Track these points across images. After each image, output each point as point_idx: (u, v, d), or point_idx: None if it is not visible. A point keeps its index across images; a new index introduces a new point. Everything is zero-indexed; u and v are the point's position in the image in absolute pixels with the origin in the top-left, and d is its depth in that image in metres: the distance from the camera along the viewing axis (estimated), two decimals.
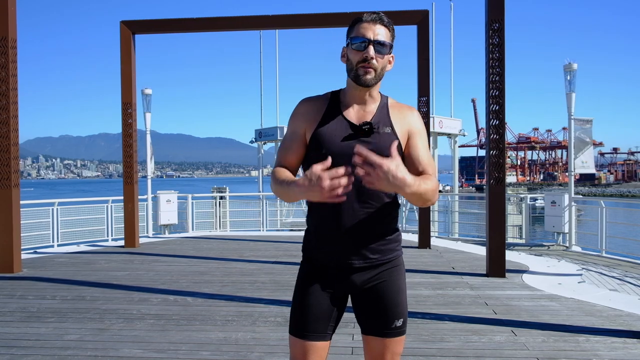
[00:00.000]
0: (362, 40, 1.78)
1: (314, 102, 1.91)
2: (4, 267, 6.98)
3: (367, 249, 1.86)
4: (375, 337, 1.91)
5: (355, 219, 1.82)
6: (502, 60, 6.44)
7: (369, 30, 1.79)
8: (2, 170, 7.00)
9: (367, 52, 1.78)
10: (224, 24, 9.60)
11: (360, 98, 1.87)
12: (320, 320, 1.88)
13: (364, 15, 1.82)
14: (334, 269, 1.89)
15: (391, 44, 1.83)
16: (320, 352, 1.89)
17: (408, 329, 4.29)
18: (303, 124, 1.88)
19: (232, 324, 4.46)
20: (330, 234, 1.86)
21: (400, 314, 1.91)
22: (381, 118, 1.86)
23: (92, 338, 4.13)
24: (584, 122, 11.53)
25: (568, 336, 4.06)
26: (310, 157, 1.84)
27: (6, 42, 6.94)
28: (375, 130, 1.82)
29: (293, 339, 1.90)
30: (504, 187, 6.56)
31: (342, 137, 1.81)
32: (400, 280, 1.95)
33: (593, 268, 7.87)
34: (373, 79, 1.81)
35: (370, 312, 1.90)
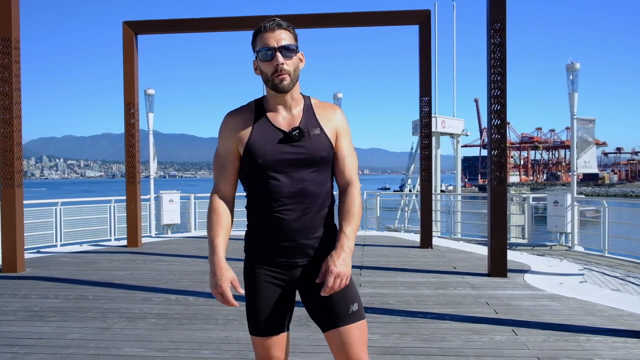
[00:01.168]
0: (268, 49, 1.84)
1: (239, 115, 1.96)
2: (7, 267, 7.02)
3: (309, 248, 1.93)
4: (337, 329, 1.91)
5: (297, 222, 1.89)
6: (504, 60, 6.44)
7: (271, 38, 1.84)
8: (5, 170, 7.03)
9: (277, 60, 1.83)
10: (227, 24, 9.61)
11: (283, 103, 1.93)
12: (274, 317, 1.94)
13: (262, 25, 1.87)
14: (279, 267, 1.94)
15: (296, 44, 1.89)
16: (280, 344, 1.96)
17: (408, 329, 4.30)
18: (233, 139, 1.93)
19: (233, 324, 4.48)
20: (276, 236, 1.91)
21: (353, 298, 1.93)
22: (308, 121, 1.93)
23: (94, 337, 4.15)
24: (587, 122, 11.51)
25: (569, 336, 4.06)
26: (247, 166, 1.93)
27: (9, 43, 6.98)
28: (305, 133, 1.89)
29: (255, 339, 1.97)
30: (506, 186, 6.56)
31: (274, 145, 1.88)
32: None
33: (595, 268, 7.86)
34: (290, 83, 1.87)
35: (324, 305, 1.91)
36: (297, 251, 1.92)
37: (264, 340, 1.94)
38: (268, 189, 1.88)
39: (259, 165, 1.87)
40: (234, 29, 9.72)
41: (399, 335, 4.10)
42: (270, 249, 1.94)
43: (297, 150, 1.87)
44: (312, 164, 1.89)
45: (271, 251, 1.94)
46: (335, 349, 1.93)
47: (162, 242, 10.46)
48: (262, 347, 1.95)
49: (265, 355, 1.96)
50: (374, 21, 9.22)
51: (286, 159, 1.86)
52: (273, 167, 1.86)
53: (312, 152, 1.88)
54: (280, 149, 1.87)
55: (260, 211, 1.93)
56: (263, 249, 1.96)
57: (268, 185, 1.88)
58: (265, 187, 1.89)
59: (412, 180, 28.91)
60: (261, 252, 1.96)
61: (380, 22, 9.28)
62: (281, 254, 1.93)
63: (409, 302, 5.20)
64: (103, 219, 11.36)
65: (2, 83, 7.01)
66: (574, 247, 10.47)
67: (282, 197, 1.87)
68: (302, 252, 1.93)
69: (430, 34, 8.89)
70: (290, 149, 1.87)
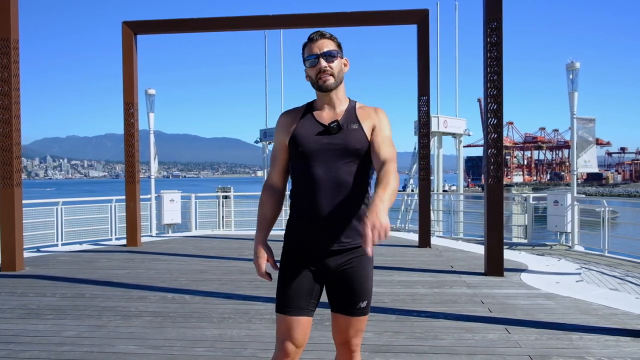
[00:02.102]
0: (314, 57, 2.11)
1: (290, 113, 2.23)
2: (6, 266, 7.06)
3: (340, 234, 2.09)
4: (342, 315, 2.16)
5: (330, 207, 2.06)
6: (500, 59, 6.44)
7: (315, 47, 2.12)
8: (4, 170, 7.08)
9: (320, 65, 2.10)
10: (227, 24, 9.64)
11: (329, 102, 2.17)
12: (302, 297, 2.11)
13: (310, 36, 2.15)
14: (313, 252, 2.12)
15: (338, 50, 2.14)
16: (303, 326, 2.11)
17: (402, 327, 4.31)
18: (283, 134, 2.20)
19: (228, 322, 4.50)
20: (309, 221, 2.10)
21: (365, 296, 2.16)
22: (349, 117, 2.15)
23: (89, 334, 4.18)
24: (587, 121, 11.48)
25: (561, 334, 4.06)
26: (292, 155, 2.17)
27: (8, 43, 7.02)
28: (343, 127, 2.11)
29: (279, 316, 2.13)
30: (502, 186, 6.56)
31: (313, 136, 2.11)
32: (368, 267, 2.18)
33: (594, 267, 7.84)
34: (333, 83, 2.12)
35: (340, 293, 2.15)
36: (329, 236, 2.09)
37: (286, 318, 2.10)
38: (307, 176, 2.09)
39: (299, 153, 2.11)
40: (233, 29, 9.76)
41: (392, 334, 4.11)
42: (305, 233, 2.12)
43: (334, 141, 2.08)
44: (347, 154, 2.08)
45: (305, 235, 2.12)
46: (335, 327, 2.21)
47: (162, 242, 10.50)
48: (284, 325, 2.10)
49: (286, 334, 2.09)
50: (372, 21, 9.23)
51: (323, 148, 2.08)
52: (312, 155, 2.08)
53: (347, 143, 2.08)
54: (319, 140, 2.09)
55: (300, 197, 2.13)
56: (299, 233, 2.14)
57: (307, 172, 2.09)
58: (304, 174, 2.10)
59: (414, 180, 28.91)
60: (297, 236, 2.15)
61: (379, 22, 9.29)
62: (314, 238, 2.10)
63: (404, 300, 5.21)
64: (104, 218, 11.40)
65: (1, 83, 7.05)
66: (574, 247, 10.45)
67: (319, 184, 2.07)
68: (334, 238, 2.09)
69: (428, 33, 8.90)
70: (328, 140, 2.09)
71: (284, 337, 2.09)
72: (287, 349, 2.09)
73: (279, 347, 2.11)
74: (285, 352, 2.09)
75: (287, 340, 2.09)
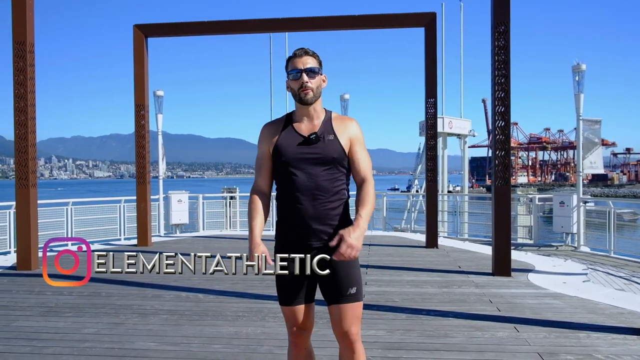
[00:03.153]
0: (297, 71, 2.31)
1: (272, 125, 2.45)
2: (22, 265, 7.20)
3: (322, 232, 2.32)
4: (337, 305, 2.36)
5: (312, 209, 2.30)
6: (508, 62, 6.53)
7: (299, 62, 2.32)
8: (20, 171, 7.22)
9: (302, 79, 2.30)
10: (236, 27, 9.77)
11: (307, 114, 2.38)
12: (296, 289, 2.37)
13: (294, 52, 2.36)
14: (299, 248, 2.31)
15: (319, 67, 2.36)
16: (305, 312, 2.40)
17: (412, 325, 4.41)
18: (266, 144, 2.41)
19: (242, 320, 4.62)
20: (294, 222, 2.33)
21: (353, 282, 2.35)
22: (325, 129, 2.36)
23: (109, 332, 4.30)
24: (593, 123, 11.53)
25: (569, 332, 4.16)
26: (275, 164, 2.38)
27: (24, 47, 7.16)
28: (321, 139, 2.33)
29: (282, 308, 2.42)
30: (510, 187, 6.65)
31: (294, 146, 2.34)
32: None
33: (600, 268, 7.91)
34: (312, 97, 2.33)
35: (331, 283, 2.35)
36: (313, 235, 2.32)
37: (287, 308, 2.39)
38: (290, 182, 2.32)
39: (282, 162, 2.33)
40: (241, 32, 9.89)
41: (403, 332, 4.22)
42: (292, 233, 2.35)
43: (313, 151, 2.31)
44: (325, 162, 2.31)
45: (292, 235, 2.35)
46: (333, 319, 2.39)
47: (172, 241, 10.64)
48: (288, 314, 2.40)
49: (291, 321, 2.40)
50: (381, 24, 9.33)
51: (304, 157, 2.31)
52: (293, 164, 2.31)
53: (325, 153, 2.31)
54: (300, 150, 2.32)
55: (285, 201, 2.36)
56: (287, 234, 2.37)
57: (290, 179, 2.32)
58: (287, 181, 2.33)
59: (419, 181, 28.95)
60: (285, 236, 2.38)
61: (387, 25, 9.39)
62: (300, 238, 2.33)
63: (413, 299, 5.31)
64: (113, 218, 11.55)
65: (18, 86, 7.20)
66: (580, 248, 10.52)
67: (301, 189, 2.30)
68: (317, 236, 2.32)
69: (435, 36, 8.99)
70: (307, 150, 2.32)
71: (292, 324, 2.41)
72: (294, 332, 2.42)
73: (289, 332, 2.44)
74: (295, 335, 2.42)
75: (295, 326, 2.41)
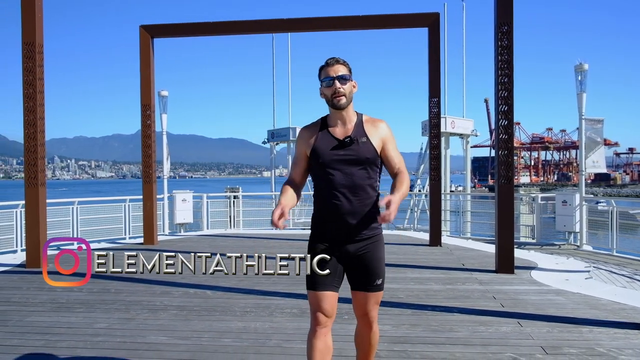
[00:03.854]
0: (330, 79, 2.54)
1: (309, 128, 2.67)
2: (31, 262, 7.31)
3: (357, 227, 2.55)
4: (361, 292, 2.63)
5: (348, 206, 2.52)
6: (511, 62, 6.61)
7: (331, 71, 2.54)
8: (30, 170, 7.33)
9: (334, 86, 2.53)
10: (240, 28, 9.86)
11: (341, 118, 2.60)
12: (324, 277, 2.50)
13: (326, 61, 2.58)
14: (335, 241, 2.56)
15: (349, 74, 2.56)
16: (331, 299, 2.54)
17: (418, 320, 4.50)
18: (303, 146, 2.65)
19: (250, 315, 4.71)
20: (333, 217, 2.54)
21: (379, 275, 2.64)
22: (358, 132, 2.59)
23: (120, 326, 4.40)
24: (595, 122, 11.59)
25: (572, 327, 4.24)
26: (313, 165, 2.61)
27: (33, 47, 7.27)
28: (354, 141, 2.54)
29: (310, 293, 2.56)
30: (513, 186, 6.73)
31: (331, 149, 2.56)
32: (381, 251, 2.65)
33: (603, 266, 7.97)
34: (345, 102, 2.55)
35: (359, 273, 2.61)
36: (348, 230, 2.53)
37: (316, 293, 2.53)
38: (327, 181, 2.54)
39: (320, 164, 2.55)
40: (246, 32, 9.97)
41: (409, 326, 4.30)
42: (328, 227, 2.56)
43: (348, 152, 2.53)
44: (359, 163, 2.53)
45: (329, 229, 2.56)
46: (356, 302, 2.67)
47: (177, 240, 10.74)
48: (315, 299, 2.53)
49: (317, 306, 2.53)
50: (384, 24, 9.41)
51: (340, 159, 2.53)
52: (330, 165, 2.53)
53: (359, 154, 2.53)
54: (336, 152, 2.54)
55: (322, 199, 2.57)
56: (323, 228, 2.58)
57: (327, 178, 2.53)
58: (325, 180, 2.54)
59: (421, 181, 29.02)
60: (321, 230, 2.59)
61: (390, 25, 9.47)
62: (336, 232, 2.54)
63: (418, 296, 5.40)
64: (118, 218, 11.65)
65: (27, 86, 7.31)
66: (582, 246, 10.57)
67: (338, 187, 2.51)
68: (352, 230, 2.53)
69: (439, 36, 9.07)
70: (343, 152, 2.54)
71: (316, 309, 2.54)
72: (319, 319, 2.53)
73: (313, 318, 2.55)
74: (318, 321, 2.53)
75: (318, 311, 2.53)
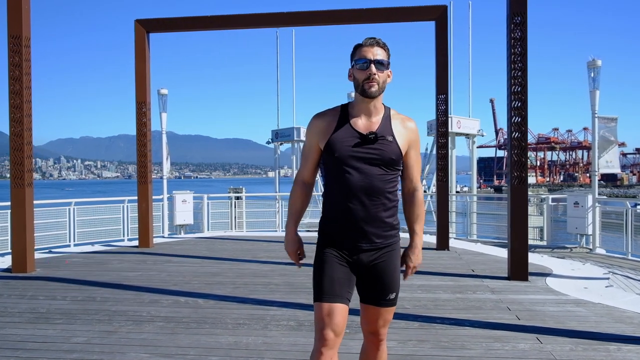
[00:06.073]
0: (365, 61, 2.17)
1: (324, 116, 2.29)
2: (17, 267, 6.95)
3: (373, 235, 2.23)
4: (372, 306, 2.31)
5: (364, 212, 2.19)
6: (525, 55, 6.19)
7: (369, 52, 2.18)
8: (16, 169, 6.96)
9: (370, 70, 2.16)
10: (240, 22, 9.48)
11: (366, 109, 2.24)
12: (339, 285, 2.20)
13: (364, 40, 2.22)
14: (347, 248, 2.24)
15: (388, 61, 2.22)
16: (341, 313, 2.16)
17: (426, 335, 4.09)
18: (317, 137, 2.27)
19: (243, 328, 4.31)
20: (345, 223, 2.22)
21: (393, 288, 2.31)
22: (385, 128, 2.23)
23: (100, 341, 4.02)
24: (609, 121, 11.14)
25: (597, 344, 3.82)
26: (326, 160, 2.26)
27: (19, 41, 6.91)
28: (380, 138, 2.19)
29: (317, 305, 2.19)
30: (527, 186, 6.31)
31: (351, 143, 2.18)
32: (397, 261, 2.33)
33: (619, 271, 7.55)
34: (377, 91, 2.19)
35: (372, 285, 2.29)
36: (363, 237, 2.22)
37: (325, 305, 2.16)
38: (342, 180, 2.19)
39: (335, 159, 2.19)
40: (244, 26, 9.58)
41: (416, 342, 3.90)
42: (340, 233, 2.24)
43: (371, 151, 2.17)
44: (382, 164, 2.19)
45: (340, 235, 2.24)
46: (365, 318, 2.36)
47: (174, 243, 10.37)
48: (324, 312, 2.15)
49: (325, 321, 2.14)
50: (389, 17, 9.00)
51: (359, 156, 2.17)
52: (348, 162, 2.17)
53: (382, 154, 2.18)
54: (356, 148, 2.17)
55: (334, 199, 2.24)
56: (334, 233, 2.26)
57: (342, 177, 2.18)
58: (340, 179, 2.20)
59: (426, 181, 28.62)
60: (332, 236, 2.26)
61: (396, 19, 9.06)
62: (348, 238, 2.23)
63: (426, 306, 4.99)
64: (116, 219, 11.31)
65: (13, 81, 6.95)
66: (595, 250, 10.15)
67: (353, 189, 2.17)
68: (367, 238, 2.22)
69: (446, 29, 8.66)
70: (364, 149, 2.17)
71: (323, 325, 2.14)
72: (326, 337, 2.12)
73: (319, 336, 2.14)
74: (325, 341, 2.12)
75: (327, 327, 2.13)
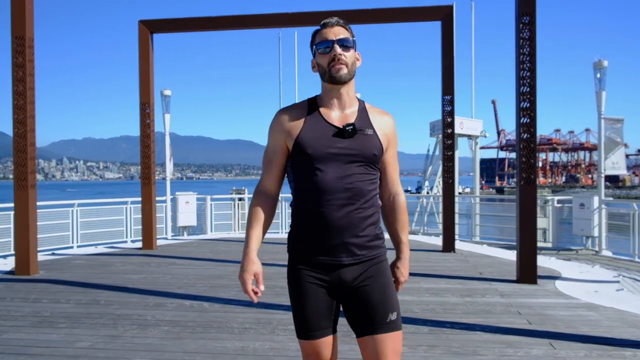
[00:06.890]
0: (327, 44, 1.89)
1: (290, 111, 1.96)
2: (20, 269, 6.88)
3: (354, 246, 1.87)
4: (372, 336, 1.86)
5: (343, 218, 1.83)
6: (534, 55, 6.11)
7: (330, 33, 1.90)
8: (19, 171, 6.90)
9: (334, 51, 1.87)
10: (241, 22, 9.43)
11: (338, 99, 1.93)
12: (322, 317, 1.90)
13: (322, 23, 1.93)
14: (324, 266, 1.88)
15: (354, 39, 1.94)
16: (330, 346, 1.92)
17: (436, 340, 4.00)
18: (282, 135, 1.93)
19: (249, 332, 4.24)
20: (319, 234, 1.86)
21: (392, 306, 1.89)
22: (363, 121, 1.93)
23: (104, 346, 3.95)
24: (615, 122, 11.04)
25: (612, 350, 3.74)
26: (295, 161, 1.92)
27: (23, 41, 6.86)
28: (358, 131, 1.88)
29: (302, 342, 1.93)
30: (535, 188, 6.23)
31: (325, 139, 1.86)
32: (388, 272, 1.97)
33: (627, 274, 7.46)
34: (347, 74, 1.89)
35: (363, 309, 1.88)
36: (343, 250, 1.86)
37: (311, 343, 1.91)
38: (315, 182, 1.84)
39: (308, 157, 1.85)
40: (247, 27, 9.53)
41: (426, 348, 3.82)
42: (315, 247, 1.88)
43: (350, 146, 1.86)
44: (362, 161, 1.88)
45: (315, 250, 1.88)
46: (367, 357, 1.89)
47: (178, 245, 10.30)
48: (310, 350, 1.92)
49: (313, 358, 1.92)
50: (394, 18, 8.93)
51: (337, 153, 1.85)
52: (322, 159, 1.84)
53: (363, 149, 1.87)
54: (332, 143, 1.86)
55: (307, 207, 1.89)
56: (307, 249, 1.90)
57: (315, 178, 1.84)
58: (312, 181, 1.85)
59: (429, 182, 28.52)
60: (305, 252, 1.91)
61: (402, 19, 8.99)
62: (326, 253, 1.87)
63: (434, 310, 4.91)
64: (119, 220, 11.25)
65: (17, 82, 6.89)
66: (602, 252, 10.05)
67: (330, 191, 1.83)
68: (348, 250, 1.87)
69: (452, 30, 8.60)
70: (341, 144, 1.86)
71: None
72: None
73: None
74: None
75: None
